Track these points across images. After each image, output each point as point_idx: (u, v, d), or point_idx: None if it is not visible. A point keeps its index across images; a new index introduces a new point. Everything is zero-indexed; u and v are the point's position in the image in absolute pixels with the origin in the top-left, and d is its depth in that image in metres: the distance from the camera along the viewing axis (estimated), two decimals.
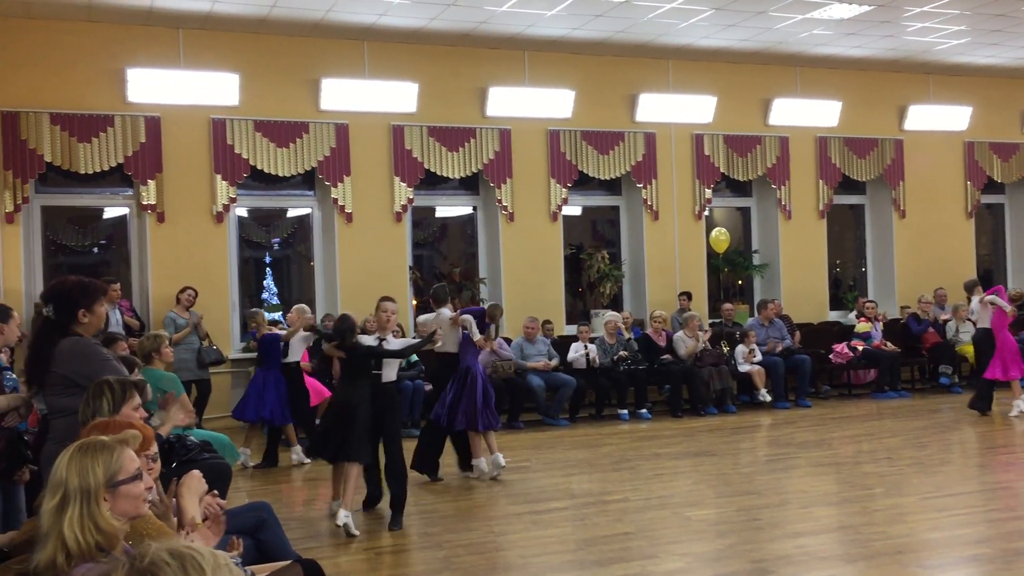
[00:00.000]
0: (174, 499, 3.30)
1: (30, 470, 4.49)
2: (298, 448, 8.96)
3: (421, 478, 7.83)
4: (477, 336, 7.92)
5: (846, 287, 15.01)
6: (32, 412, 5.22)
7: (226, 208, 10.98)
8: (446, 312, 8.07)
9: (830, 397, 12.66)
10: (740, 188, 14.08)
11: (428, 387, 10.65)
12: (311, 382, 9.85)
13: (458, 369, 7.93)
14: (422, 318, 8.45)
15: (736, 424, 10.79)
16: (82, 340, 4.24)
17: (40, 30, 10.22)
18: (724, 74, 13.17)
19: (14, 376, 5.42)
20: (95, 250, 11.80)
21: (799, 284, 13.71)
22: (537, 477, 8.04)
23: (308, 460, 8.79)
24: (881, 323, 13.05)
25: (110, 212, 11.43)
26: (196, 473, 3.30)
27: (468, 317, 8.02)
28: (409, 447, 9.55)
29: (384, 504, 6.77)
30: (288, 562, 3.74)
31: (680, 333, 11.86)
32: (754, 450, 9.62)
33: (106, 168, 10.45)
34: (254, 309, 9.94)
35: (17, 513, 4.37)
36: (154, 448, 3.47)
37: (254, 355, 10.65)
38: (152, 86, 10.57)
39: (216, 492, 3.67)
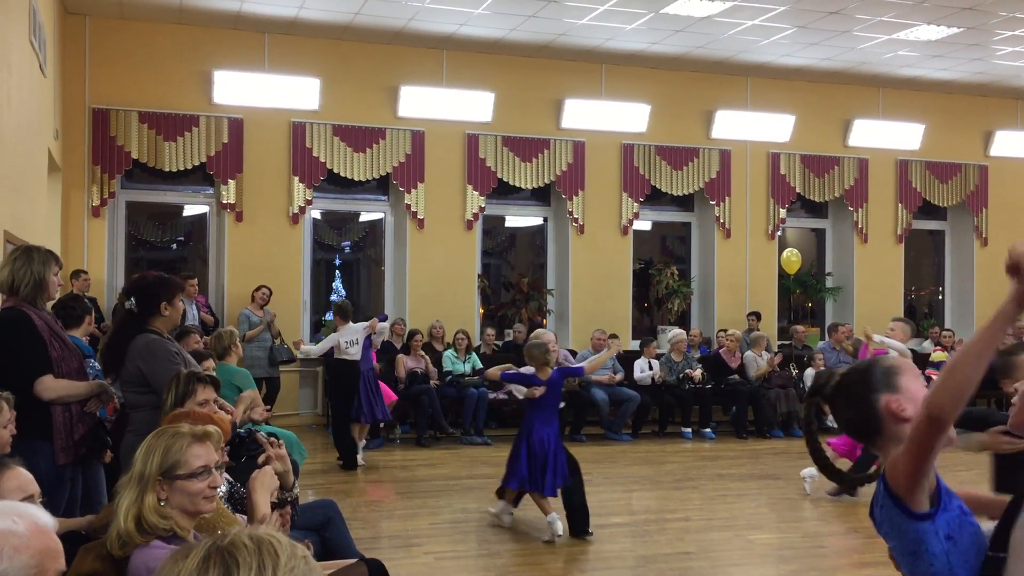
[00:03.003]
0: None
1: (109, 454, 4.62)
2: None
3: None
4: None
5: (922, 315, 14.64)
6: (111, 399, 5.39)
7: (302, 210, 11.19)
8: (355, 325, 8.96)
9: None
10: (816, 209, 13.85)
11: (498, 394, 10.71)
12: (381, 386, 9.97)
13: (362, 372, 8.87)
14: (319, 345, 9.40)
15: (803, 448, 10.45)
16: (153, 338, 4.28)
17: (132, 31, 10.57)
18: (803, 93, 12.99)
19: (97, 364, 5.60)
20: (174, 246, 12.13)
21: (873, 309, 13.39)
22: (598, 491, 7.98)
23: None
24: None
25: (190, 210, 11.74)
26: (269, 469, 3.35)
27: (385, 325, 9.47)
28: (476, 454, 9.61)
29: (452, 514, 6.76)
30: (353, 560, 3.79)
31: (750, 353, 11.70)
32: (820, 475, 9.42)
33: (189, 166, 10.74)
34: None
35: (99, 496, 4.50)
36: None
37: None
38: (237, 88, 10.84)
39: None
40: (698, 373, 11.29)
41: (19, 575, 1.43)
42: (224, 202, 10.91)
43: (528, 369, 6.53)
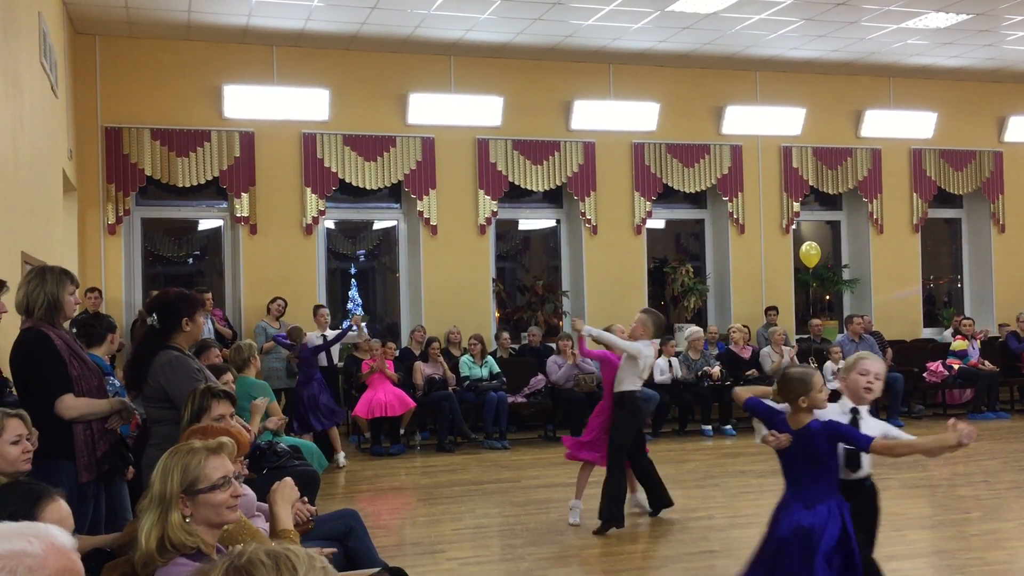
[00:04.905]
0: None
1: (132, 470, 4.65)
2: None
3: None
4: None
5: (941, 304, 14.54)
6: (133, 416, 5.43)
7: (315, 220, 11.23)
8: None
9: (924, 417, 12.26)
10: (830, 201, 13.78)
11: (516, 398, 10.69)
12: (397, 392, 10.00)
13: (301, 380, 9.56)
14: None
15: None
16: (175, 355, 4.35)
17: (141, 49, 10.64)
18: (813, 85, 12.93)
19: (116, 381, 5.63)
20: (190, 260, 12.19)
21: (891, 300, 13.33)
22: None
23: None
24: (979, 341, 12.60)
25: (205, 224, 11.80)
26: (289, 480, 3.37)
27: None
28: (496, 459, 9.61)
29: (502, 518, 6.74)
30: (376, 570, 3.80)
31: (767, 348, 11.65)
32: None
33: (203, 181, 10.81)
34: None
35: (123, 512, 4.53)
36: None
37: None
38: (247, 102, 10.90)
39: (306, 499, 3.75)
40: (716, 370, 11.25)
41: None
42: (238, 215, 10.96)
43: (783, 405, 4.24)
